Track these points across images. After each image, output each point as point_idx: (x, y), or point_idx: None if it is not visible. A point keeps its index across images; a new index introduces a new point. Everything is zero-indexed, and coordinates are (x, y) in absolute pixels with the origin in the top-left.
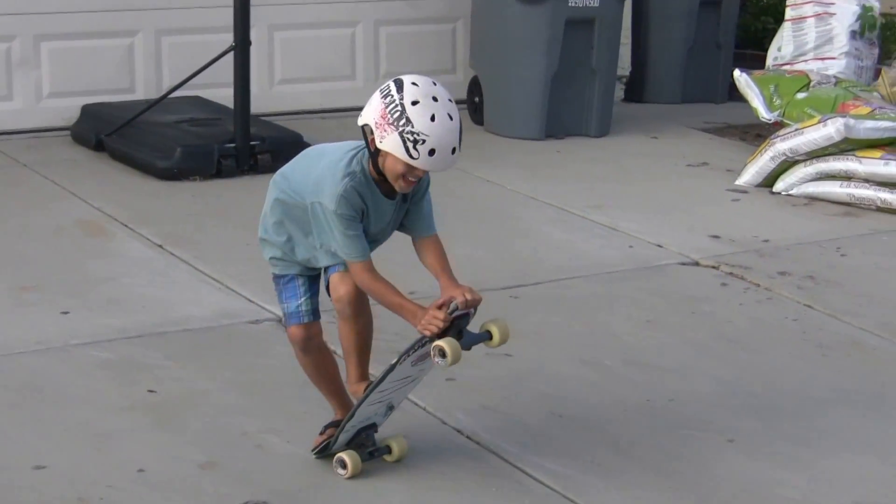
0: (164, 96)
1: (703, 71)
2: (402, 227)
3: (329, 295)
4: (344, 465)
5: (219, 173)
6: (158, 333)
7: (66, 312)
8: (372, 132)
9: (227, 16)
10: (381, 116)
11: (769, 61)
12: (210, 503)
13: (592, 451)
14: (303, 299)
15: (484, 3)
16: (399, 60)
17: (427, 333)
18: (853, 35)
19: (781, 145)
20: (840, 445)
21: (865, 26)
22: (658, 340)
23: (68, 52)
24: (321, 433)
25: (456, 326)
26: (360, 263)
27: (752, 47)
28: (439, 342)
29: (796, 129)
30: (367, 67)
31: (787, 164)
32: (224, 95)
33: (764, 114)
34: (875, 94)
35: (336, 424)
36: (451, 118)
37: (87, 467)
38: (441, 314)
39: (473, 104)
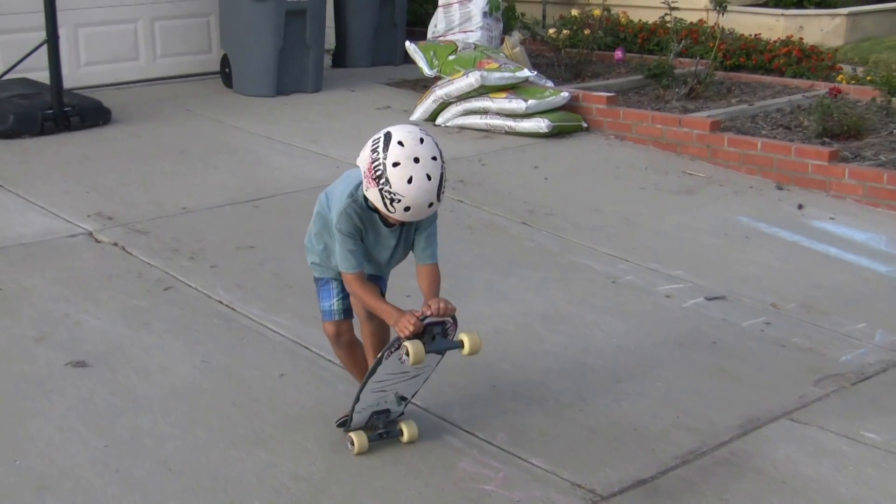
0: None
1: (386, 44)
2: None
3: None
4: (352, 443)
5: (42, 132)
6: None
7: None
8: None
9: (42, 19)
10: (368, 169)
11: (429, 35)
12: (42, 364)
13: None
14: (335, 300)
15: (227, 1)
16: (170, 45)
17: (401, 335)
18: (485, 14)
19: (439, 91)
20: (482, 295)
21: (492, 8)
22: None
23: None
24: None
25: (429, 332)
26: (351, 275)
27: (418, 26)
28: (406, 343)
29: (448, 80)
30: (147, 51)
31: (443, 105)
32: (44, 76)
33: (427, 71)
34: (501, 54)
35: None
36: (429, 178)
37: None
38: (413, 318)
39: (225, 74)
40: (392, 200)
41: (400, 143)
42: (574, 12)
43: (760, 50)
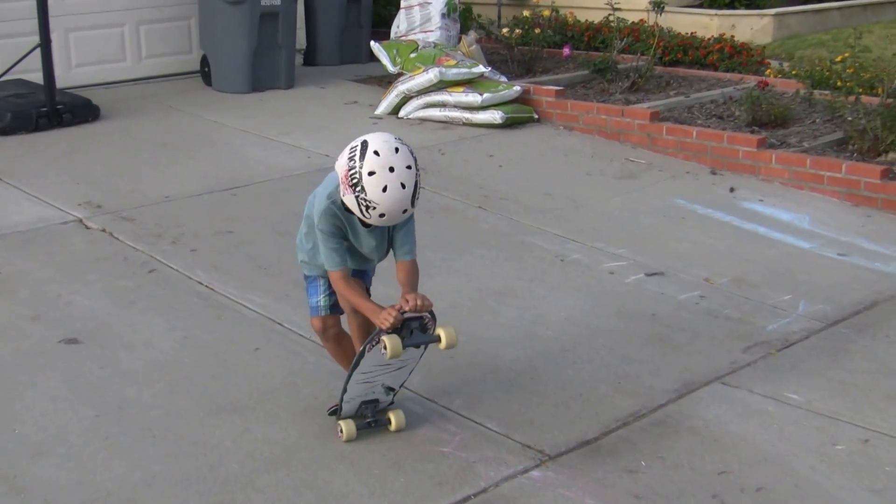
0: None
1: (352, 43)
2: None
3: None
4: (341, 431)
5: (37, 128)
6: None
7: None
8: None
9: (35, 25)
10: (345, 176)
11: (392, 34)
12: (36, 341)
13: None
14: (322, 296)
15: (206, 6)
16: (154, 47)
17: (381, 327)
18: (443, 16)
19: (401, 87)
20: (440, 272)
21: (450, 9)
22: None
23: None
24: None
25: (407, 326)
26: (336, 272)
27: (382, 26)
28: (384, 338)
29: (410, 76)
30: (132, 53)
31: (405, 98)
32: (38, 77)
33: (390, 68)
34: (459, 52)
35: None
36: (403, 187)
37: None
38: (395, 312)
39: (204, 73)
40: (368, 207)
41: (376, 152)
42: (525, 13)
43: (696, 47)
